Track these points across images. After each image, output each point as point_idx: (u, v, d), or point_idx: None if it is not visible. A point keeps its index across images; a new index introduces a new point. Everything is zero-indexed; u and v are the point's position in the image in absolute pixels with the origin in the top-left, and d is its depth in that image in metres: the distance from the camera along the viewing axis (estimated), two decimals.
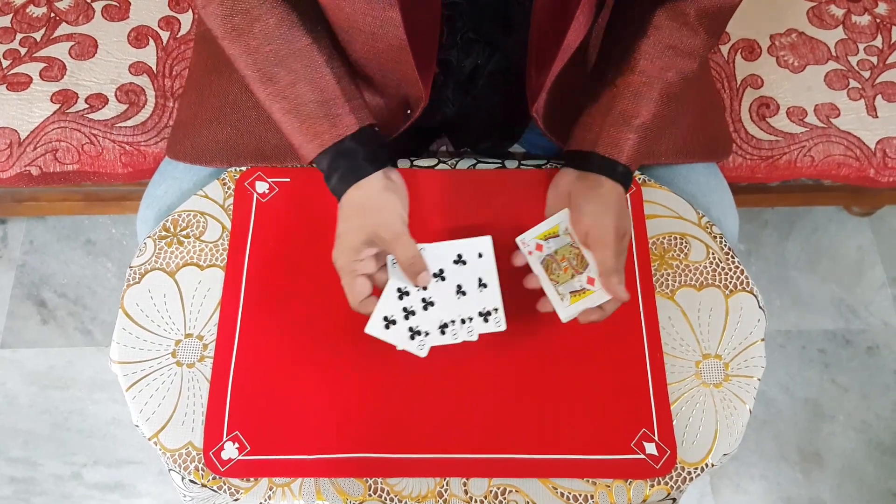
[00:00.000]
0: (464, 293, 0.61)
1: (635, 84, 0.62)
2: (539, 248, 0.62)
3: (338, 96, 0.60)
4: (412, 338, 0.59)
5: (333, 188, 0.62)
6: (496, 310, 0.60)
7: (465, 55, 0.66)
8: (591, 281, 0.59)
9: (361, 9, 0.58)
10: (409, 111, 0.67)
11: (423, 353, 0.59)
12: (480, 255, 0.61)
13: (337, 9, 0.60)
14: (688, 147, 0.75)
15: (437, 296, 0.60)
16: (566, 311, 0.59)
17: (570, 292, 0.60)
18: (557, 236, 0.62)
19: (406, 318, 0.60)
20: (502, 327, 0.60)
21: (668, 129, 0.71)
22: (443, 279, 0.61)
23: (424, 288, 0.60)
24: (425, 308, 0.60)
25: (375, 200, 0.60)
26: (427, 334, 0.59)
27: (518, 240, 0.63)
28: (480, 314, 0.60)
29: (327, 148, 0.60)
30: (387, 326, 0.60)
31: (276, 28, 0.59)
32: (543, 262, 0.62)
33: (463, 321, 0.60)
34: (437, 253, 0.61)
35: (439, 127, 0.80)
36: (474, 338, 0.60)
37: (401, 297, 0.60)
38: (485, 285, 0.60)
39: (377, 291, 0.61)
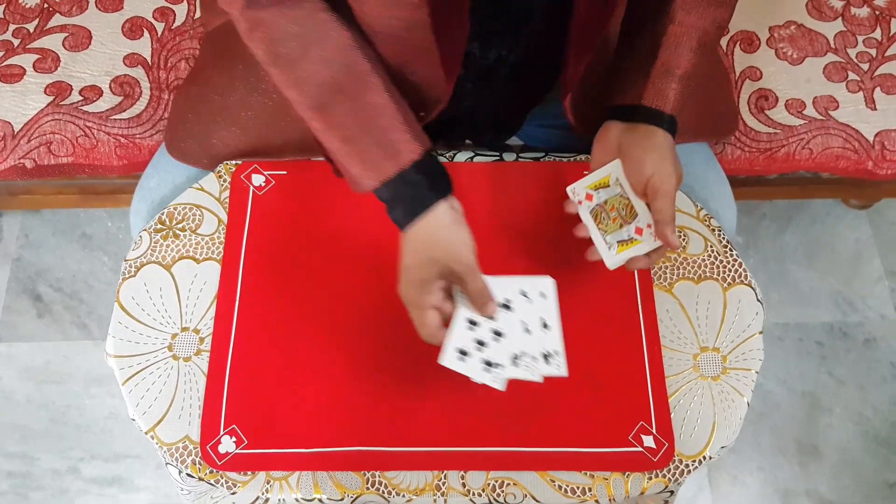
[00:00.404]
0: (528, 331, 0.60)
1: (675, 34, 0.62)
2: (589, 197, 0.63)
3: (399, 122, 0.57)
4: (487, 370, 0.59)
5: (397, 220, 0.58)
6: (556, 353, 0.59)
7: (487, 47, 0.65)
8: (639, 231, 0.61)
9: (386, 11, 0.55)
10: (422, 113, 0.64)
11: (500, 386, 0.58)
12: (543, 296, 0.60)
13: (360, 13, 0.57)
14: (695, 126, 0.75)
15: (505, 327, 0.59)
16: (613, 259, 0.61)
17: (618, 241, 0.62)
18: (608, 186, 0.63)
19: (478, 349, 0.59)
20: (563, 373, 0.59)
21: (703, 80, 0.69)
22: (509, 309, 0.60)
23: (493, 318, 0.59)
24: (496, 339, 0.60)
25: (445, 233, 0.57)
26: (501, 366, 0.59)
27: (569, 189, 0.64)
28: (543, 355, 0.59)
29: (391, 179, 0.56)
30: (461, 358, 0.59)
31: (336, 52, 0.56)
32: (592, 211, 0.63)
33: (532, 357, 0.60)
34: (501, 286, 0.60)
35: (443, 121, 0.79)
36: (539, 378, 0.59)
37: (471, 328, 0.59)
38: (546, 326, 0.60)
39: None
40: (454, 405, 0.63)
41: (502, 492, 0.61)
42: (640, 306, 0.67)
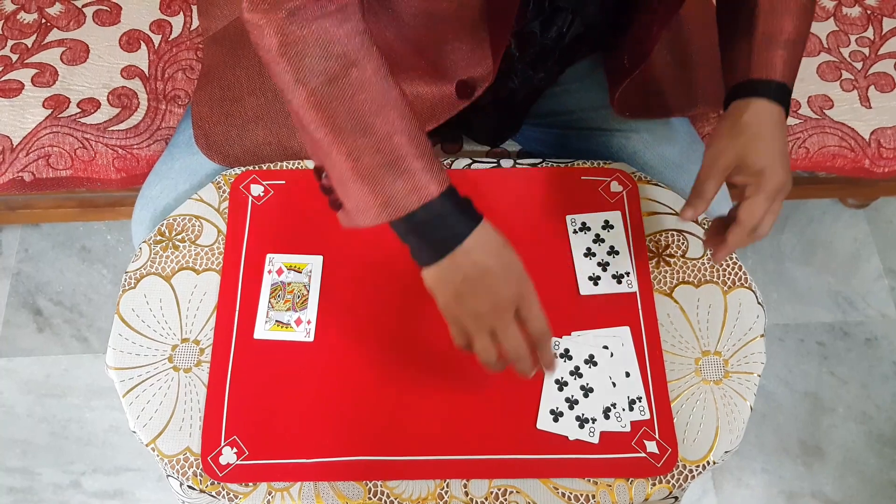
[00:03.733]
0: (614, 384, 0.63)
1: (768, 2, 0.61)
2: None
3: (430, 149, 0.53)
4: (581, 426, 0.62)
5: (427, 250, 0.53)
6: (640, 398, 0.63)
7: (549, 25, 0.62)
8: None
9: None
10: (458, 98, 0.61)
11: (595, 440, 0.62)
12: (622, 345, 0.65)
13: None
14: (702, 96, 0.75)
15: (593, 382, 0.63)
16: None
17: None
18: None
19: (570, 408, 0.62)
20: (646, 416, 0.63)
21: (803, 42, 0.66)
22: (595, 364, 0.64)
23: (580, 375, 0.63)
24: (586, 395, 0.63)
25: (504, 253, 0.54)
26: (594, 420, 0.62)
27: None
28: (629, 402, 0.63)
29: (428, 202, 0.51)
30: (555, 419, 0.62)
31: (374, 75, 0.52)
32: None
33: (622, 408, 0.63)
34: (584, 342, 0.64)
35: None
36: (628, 428, 0.62)
37: (560, 389, 0.63)
38: (628, 375, 0.64)
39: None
40: (456, 413, 0.63)
41: (505, 500, 0.61)
42: (640, 311, 0.67)
